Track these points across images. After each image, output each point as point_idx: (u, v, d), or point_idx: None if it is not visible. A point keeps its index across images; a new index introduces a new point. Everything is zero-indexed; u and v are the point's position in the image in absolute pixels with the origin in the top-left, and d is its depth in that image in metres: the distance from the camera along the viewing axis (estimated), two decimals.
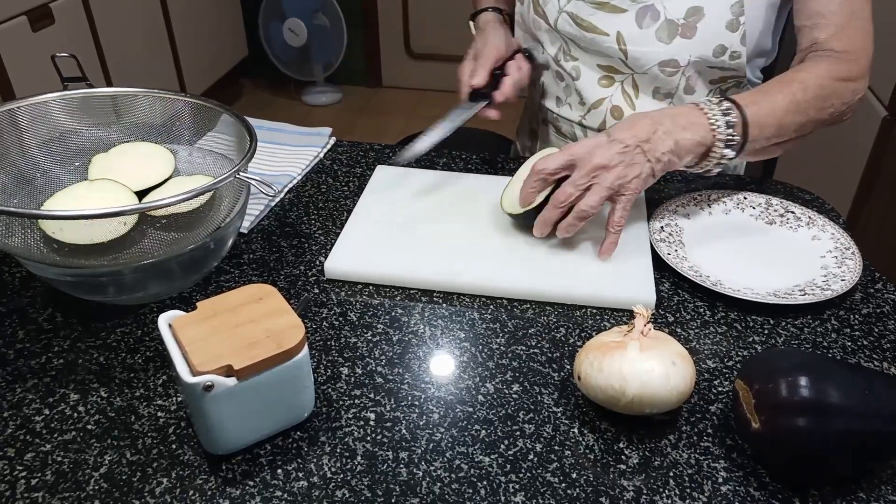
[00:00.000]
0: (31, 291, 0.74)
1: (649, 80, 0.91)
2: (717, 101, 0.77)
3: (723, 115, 0.76)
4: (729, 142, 0.76)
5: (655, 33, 0.87)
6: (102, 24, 2.19)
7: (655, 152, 0.74)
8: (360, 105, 3.26)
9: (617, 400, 0.57)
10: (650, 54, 0.88)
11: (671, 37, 0.86)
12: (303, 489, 0.55)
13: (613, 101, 0.94)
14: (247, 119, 0.77)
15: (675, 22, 0.86)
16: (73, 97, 0.79)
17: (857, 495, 0.54)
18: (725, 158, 0.77)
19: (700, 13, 0.85)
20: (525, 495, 0.54)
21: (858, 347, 0.68)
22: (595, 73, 0.94)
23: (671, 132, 0.75)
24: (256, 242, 0.82)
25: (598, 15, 0.89)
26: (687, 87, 0.91)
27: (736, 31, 0.85)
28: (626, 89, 0.93)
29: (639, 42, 0.88)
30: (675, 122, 0.76)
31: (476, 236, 0.80)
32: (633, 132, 0.75)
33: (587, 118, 0.97)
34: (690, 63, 0.88)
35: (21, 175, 0.75)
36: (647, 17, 0.87)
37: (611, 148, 0.73)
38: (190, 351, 0.53)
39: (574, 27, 0.91)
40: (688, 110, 0.77)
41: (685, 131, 0.76)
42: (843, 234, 0.80)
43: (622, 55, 0.89)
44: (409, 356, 0.67)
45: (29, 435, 0.59)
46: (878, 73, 1.50)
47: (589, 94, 0.95)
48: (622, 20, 0.88)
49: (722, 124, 0.76)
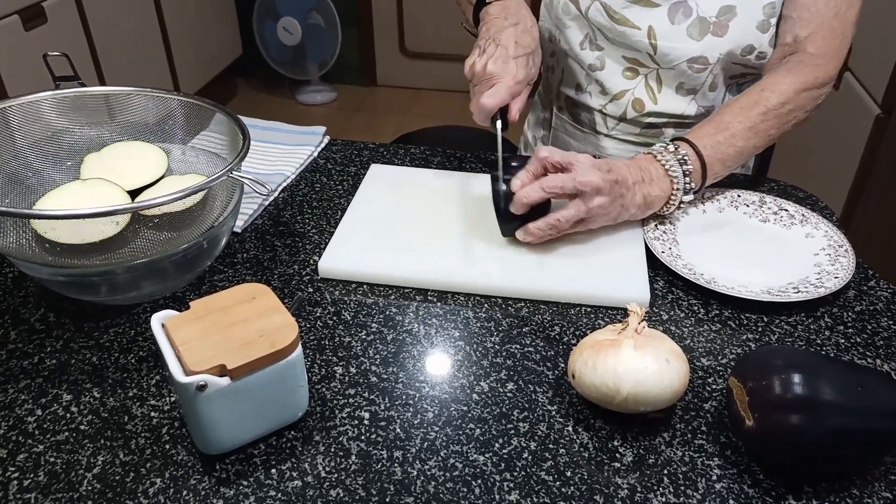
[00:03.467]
0: (23, 291, 0.74)
1: (675, 75, 0.91)
2: (673, 149, 0.78)
3: (679, 164, 0.78)
4: (687, 189, 0.78)
5: (687, 30, 0.87)
6: (95, 23, 2.18)
7: (629, 203, 0.76)
8: (354, 104, 3.25)
9: (611, 398, 0.57)
10: (680, 50, 0.88)
11: (702, 34, 0.86)
12: (297, 489, 0.54)
13: (636, 93, 0.94)
14: (240, 118, 0.77)
15: (708, 20, 0.86)
16: (66, 96, 0.78)
17: (850, 492, 0.55)
18: (685, 203, 0.80)
19: (733, 12, 0.85)
20: (519, 493, 0.54)
21: (852, 345, 0.68)
22: (619, 65, 0.94)
23: (641, 186, 0.77)
24: (250, 241, 0.82)
25: (631, 8, 0.89)
26: (712, 84, 0.91)
27: (766, 32, 0.85)
28: (649, 83, 0.93)
29: (669, 38, 0.88)
30: (642, 176, 0.77)
31: (470, 235, 0.80)
32: (624, 174, 0.75)
33: (608, 108, 0.97)
34: (719, 61, 0.88)
35: (13, 174, 0.75)
36: (680, 14, 0.87)
37: (607, 177, 0.74)
38: (183, 351, 0.53)
39: (605, 17, 0.90)
40: (647, 163, 0.78)
41: (652, 186, 0.77)
42: (836, 232, 0.80)
43: (651, 49, 0.89)
44: (404, 355, 0.66)
45: (21, 436, 0.58)
46: (872, 72, 1.50)
47: (611, 85, 0.95)
48: (654, 15, 0.88)
49: (679, 174, 0.77)
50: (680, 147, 0.78)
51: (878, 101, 1.47)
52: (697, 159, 0.78)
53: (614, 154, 1.00)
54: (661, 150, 0.79)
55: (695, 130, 0.81)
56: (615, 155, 0.99)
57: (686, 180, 0.77)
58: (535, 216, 0.75)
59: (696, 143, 0.79)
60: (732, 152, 0.80)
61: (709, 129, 0.80)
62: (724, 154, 0.79)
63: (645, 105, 0.94)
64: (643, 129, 0.97)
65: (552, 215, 0.74)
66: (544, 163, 0.75)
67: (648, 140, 0.97)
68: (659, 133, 0.97)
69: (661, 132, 0.96)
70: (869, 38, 1.52)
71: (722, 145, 0.79)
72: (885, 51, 1.44)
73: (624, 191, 0.75)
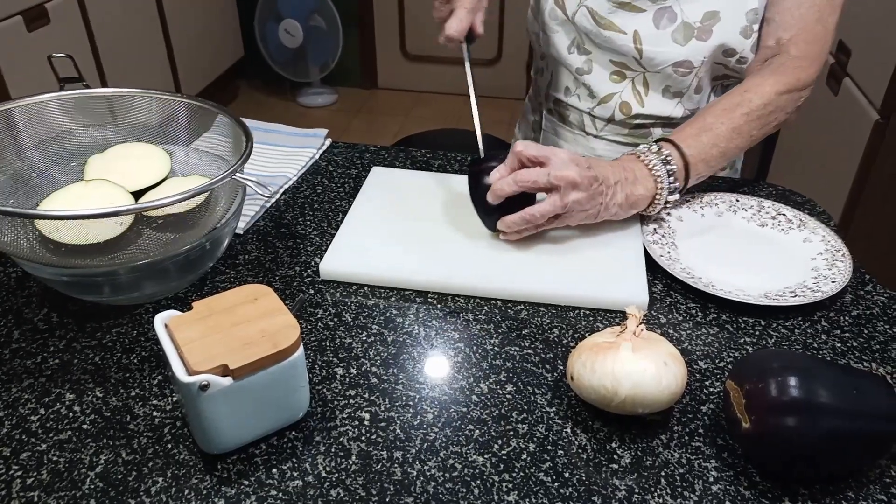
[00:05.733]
0: (26, 291, 0.75)
1: (661, 78, 0.92)
2: (657, 150, 0.79)
3: (663, 164, 0.79)
4: (671, 189, 0.79)
5: (671, 35, 0.88)
6: (98, 25, 2.18)
7: (609, 201, 0.77)
8: (355, 106, 3.26)
9: (609, 400, 0.58)
10: (665, 54, 0.89)
11: (687, 39, 0.87)
12: (298, 488, 0.55)
13: (623, 97, 0.95)
14: (243, 120, 0.77)
15: (692, 25, 0.87)
16: (70, 97, 0.79)
17: (845, 494, 0.55)
18: (670, 203, 0.81)
19: (716, 17, 0.86)
20: (518, 494, 0.55)
21: (848, 349, 0.69)
22: (606, 69, 0.95)
23: (624, 185, 0.77)
24: (252, 243, 0.82)
25: (617, 13, 0.90)
26: (697, 86, 0.92)
27: (748, 37, 0.87)
28: (636, 86, 0.94)
29: (654, 42, 0.89)
30: (626, 176, 0.78)
31: (470, 237, 0.81)
32: (605, 173, 0.76)
33: (596, 110, 0.98)
34: (704, 64, 0.89)
35: (17, 175, 0.76)
36: (665, 19, 0.88)
37: (585, 173, 0.74)
38: (186, 351, 0.53)
39: (592, 23, 0.91)
40: (631, 163, 0.79)
41: (636, 185, 0.78)
42: (833, 237, 0.81)
43: (637, 54, 0.90)
44: (404, 357, 0.67)
45: (24, 434, 0.59)
46: (870, 78, 1.51)
47: (598, 88, 0.96)
48: (640, 20, 0.89)
49: (663, 174, 0.78)
50: (663, 147, 0.80)
51: (876, 107, 1.48)
52: (681, 159, 0.79)
53: (604, 154, 1.01)
54: (645, 151, 0.80)
55: (679, 131, 0.82)
56: (604, 155, 1.00)
57: (670, 180, 0.79)
58: (516, 210, 0.76)
59: (680, 144, 0.80)
60: (716, 153, 0.81)
61: (692, 129, 0.81)
62: (707, 155, 0.80)
63: (632, 108, 0.95)
64: (631, 129, 0.98)
65: (527, 210, 0.75)
66: (520, 157, 0.76)
67: (637, 140, 0.98)
68: (647, 133, 0.98)
69: (650, 132, 0.98)
70: (867, 43, 1.53)
71: (705, 146, 0.80)
72: (884, 56, 1.45)
73: (604, 188, 0.76)
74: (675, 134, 0.82)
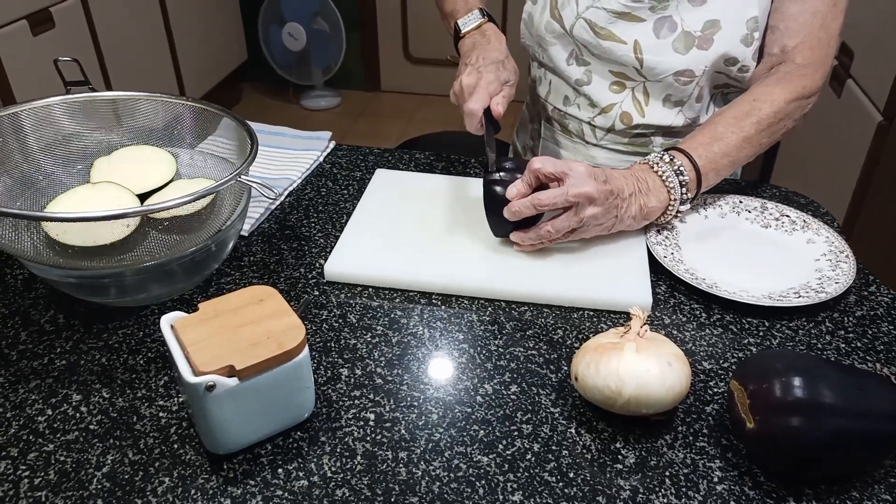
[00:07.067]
0: (33, 293, 0.75)
1: (662, 88, 0.92)
2: (669, 159, 0.79)
3: (675, 174, 0.79)
4: (684, 199, 0.79)
5: (672, 44, 0.88)
6: (102, 28, 2.19)
7: (624, 214, 0.77)
8: (358, 109, 3.27)
9: (613, 400, 0.58)
10: (666, 64, 0.89)
11: (687, 48, 0.87)
12: (303, 488, 0.55)
13: (623, 107, 0.95)
14: (248, 123, 0.78)
15: (692, 34, 0.86)
16: (76, 101, 0.79)
17: (850, 494, 0.55)
18: (681, 212, 0.81)
19: (717, 26, 0.86)
20: (523, 494, 0.55)
21: (852, 349, 0.69)
22: (606, 80, 0.94)
23: (638, 197, 0.78)
24: (257, 245, 0.83)
25: (617, 23, 0.89)
26: (698, 95, 0.92)
27: (749, 46, 0.86)
28: (636, 96, 0.94)
29: (655, 52, 0.89)
30: (639, 187, 0.78)
31: (474, 239, 0.81)
32: (621, 185, 0.76)
33: (596, 120, 0.98)
34: (705, 73, 0.89)
35: (24, 178, 0.76)
36: (665, 28, 0.87)
37: (602, 187, 0.74)
38: (192, 351, 0.53)
39: (591, 34, 0.91)
40: (644, 174, 0.79)
41: (649, 197, 0.78)
42: (837, 238, 0.81)
43: (637, 64, 0.90)
44: (409, 357, 0.67)
45: (32, 435, 0.59)
46: (874, 80, 1.51)
47: (599, 99, 0.96)
48: (640, 30, 0.89)
49: (676, 184, 0.79)
50: (676, 157, 0.79)
51: (879, 109, 1.48)
52: (693, 169, 0.79)
53: (604, 163, 1.01)
54: (658, 161, 0.80)
55: (689, 140, 0.82)
56: (605, 164, 1.00)
57: (683, 191, 0.79)
58: (528, 220, 0.77)
59: (692, 154, 0.79)
60: (726, 162, 0.81)
61: (703, 138, 0.81)
62: (718, 164, 0.80)
63: (633, 118, 0.95)
64: (632, 138, 0.97)
65: (543, 226, 0.76)
66: (537, 174, 0.76)
67: (638, 149, 0.98)
68: (648, 142, 0.97)
69: (650, 141, 0.97)
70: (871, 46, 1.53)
71: (717, 155, 0.80)
72: (887, 58, 1.45)
73: (619, 202, 0.76)
74: (685, 142, 0.82)
